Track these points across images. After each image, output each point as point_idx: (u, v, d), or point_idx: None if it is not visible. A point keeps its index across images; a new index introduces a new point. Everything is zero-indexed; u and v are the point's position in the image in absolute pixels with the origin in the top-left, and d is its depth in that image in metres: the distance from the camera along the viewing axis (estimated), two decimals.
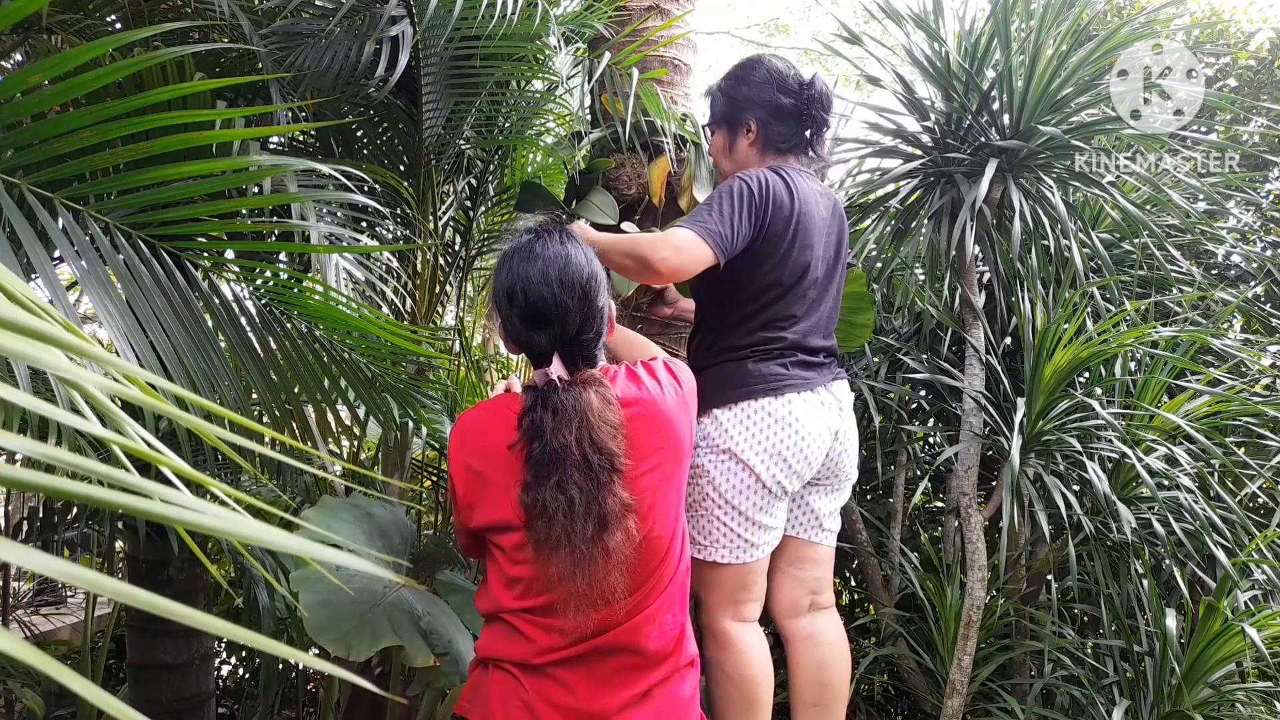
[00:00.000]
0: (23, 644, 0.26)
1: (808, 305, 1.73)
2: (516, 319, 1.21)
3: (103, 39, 1.13)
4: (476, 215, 2.76)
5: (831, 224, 1.78)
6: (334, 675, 0.33)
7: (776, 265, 1.68)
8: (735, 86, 1.82)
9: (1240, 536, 2.17)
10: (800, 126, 1.78)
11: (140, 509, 0.32)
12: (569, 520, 1.12)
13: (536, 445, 1.15)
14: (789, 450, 1.64)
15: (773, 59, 1.81)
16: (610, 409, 1.18)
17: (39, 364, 0.36)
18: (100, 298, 1.31)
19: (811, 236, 1.70)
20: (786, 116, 1.76)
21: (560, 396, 1.16)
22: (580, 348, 1.23)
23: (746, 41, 10.30)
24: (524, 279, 1.20)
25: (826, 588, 1.84)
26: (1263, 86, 3.33)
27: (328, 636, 1.43)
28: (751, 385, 1.65)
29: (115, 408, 0.60)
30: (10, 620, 3.28)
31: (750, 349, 1.69)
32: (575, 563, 1.12)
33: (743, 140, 1.82)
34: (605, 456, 1.14)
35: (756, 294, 1.70)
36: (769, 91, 1.76)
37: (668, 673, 1.25)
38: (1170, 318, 2.64)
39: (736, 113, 1.81)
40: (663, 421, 1.25)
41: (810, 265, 1.71)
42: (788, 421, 1.64)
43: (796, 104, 1.75)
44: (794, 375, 1.68)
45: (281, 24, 2.00)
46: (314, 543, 0.34)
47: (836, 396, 1.75)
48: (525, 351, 1.24)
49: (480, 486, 1.23)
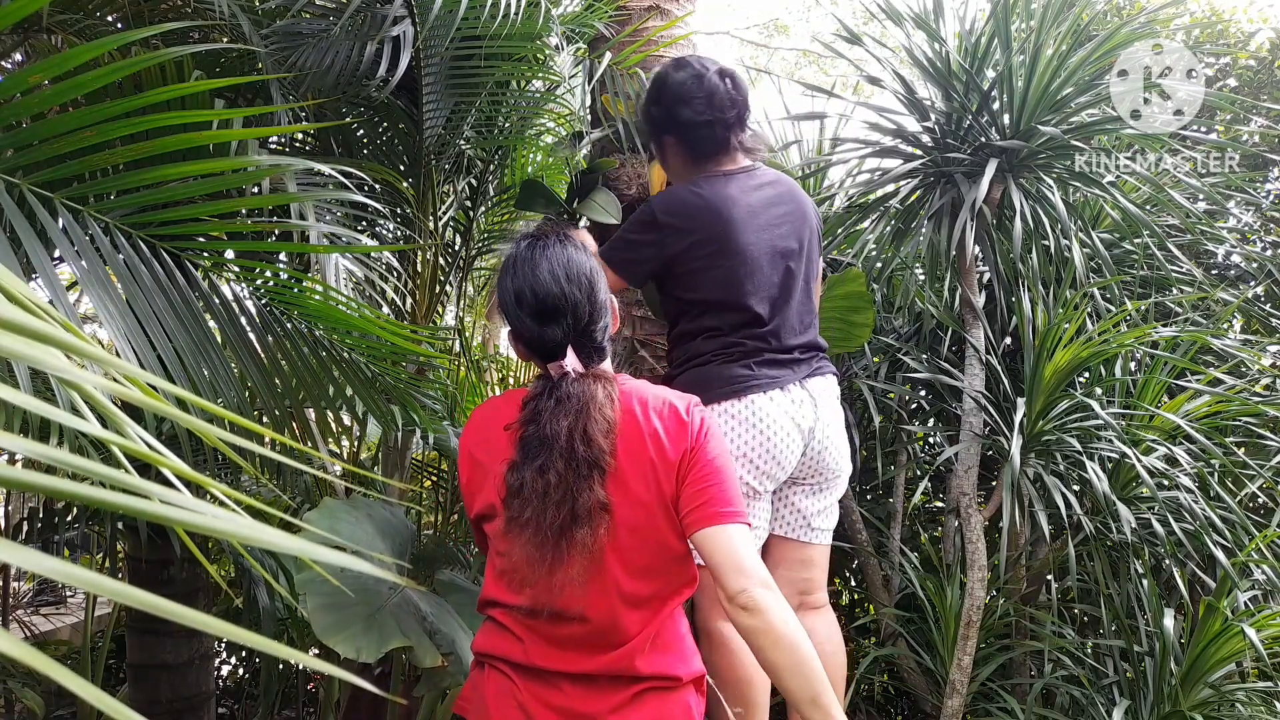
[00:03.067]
0: (21, 645, 0.26)
1: (768, 303, 1.71)
2: (528, 318, 1.22)
3: (102, 39, 1.13)
4: (476, 215, 2.76)
5: (784, 216, 1.76)
6: (334, 675, 0.33)
7: (712, 274, 1.68)
8: (647, 110, 1.86)
9: (1240, 536, 2.17)
10: (715, 130, 1.77)
11: (140, 510, 0.32)
12: (541, 505, 1.12)
13: (531, 428, 1.17)
14: (754, 451, 1.64)
15: (675, 71, 1.80)
16: (611, 405, 1.18)
17: (39, 364, 0.36)
18: (100, 297, 1.31)
19: (744, 239, 1.69)
20: (699, 126, 1.76)
21: (569, 387, 1.18)
22: (591, 339, 1.24)
23: (746, 42, 10.30)
24: (531, 280, 1.21)
25: (818, 588, 1.82)
26: (1263, 86, 3.33)
27: (336, 639, 1.43)
28: (714, 389, 1.65)
29: (115, 409, 0.60)
30: (10, 620, 3.28)
31: (713, 354, 1.69)
32: (539, 547, 1.12)
33: (671, 159, 1.85)
34: (592, 450, 1.14)
35: (706, 304, 1.70)
36: (675, 108, 1.76)
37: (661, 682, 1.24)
38: (1170, 318, 2.64)
39: (655, 134, 1.86)
40: (653, 431, 1.21)
41: (752, 265, 1.69)
42: (751, 422, 1.64)
43: (705, 111, 1.75)
44: (759, 375, 1.67)
45: (282, 24, 2.00)
46: (316, 544, 0.34)
47: (811, 393, 1.72)
48: (539, 351, 1.24)
49: (480, 475, 1.24)
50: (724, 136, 1.78)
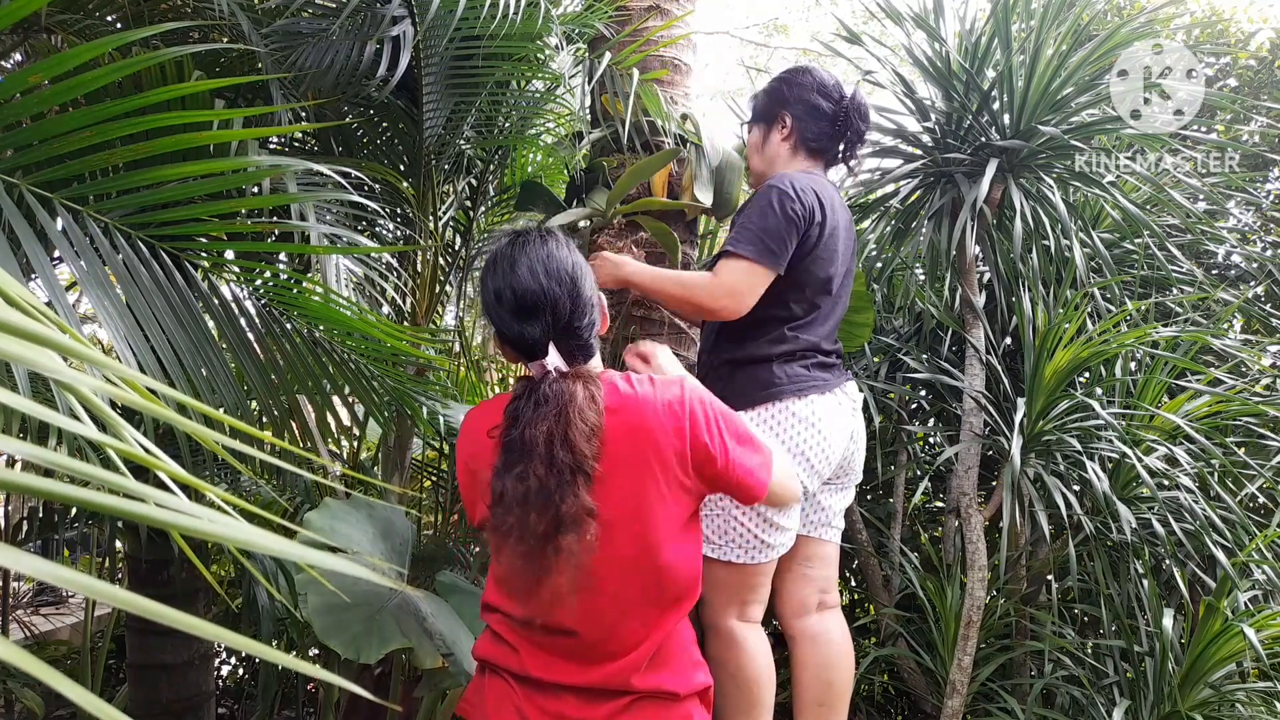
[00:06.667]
0: (17, 650, 0.26)
1: (825, 312, 1.77)
2: (507, 316, 1.19)
3: (102, 39, 1.13)
4: (477, 215, 2.76)
5: (850, 234, 1.83)
6: (330, 681, 0.33)
7: (804, 274, 1.71)
8: (778, 86, 1.87)
9: (1240, 536, 2.17)
10: (835, 132, 1.81)
11: (137, 514, 0.32)
12: (523, 512, 1.08)
13: (511, 433, 1.13)
14: (812, 450, 1.66)
15: (822, 70, 1.86)
16: (592, 407, 1.13)
17: (35, 366, 0.36)
18: (99, 298, 1.30)
19: (836, 247, 1.74)
20: (822, 119, 1.80)
21: (547, 388, 1.13)
22: (574, 336, 1.21)
23: (746, 41, 10.29)
24: (509, 277, 1.19)
25: (834, 587, 1.87)
26: (1263, 86, 3.33)
27: (337, 640, 1.43)
28: (778, 387, 1.68)
29: (112, 411, 0.60)
30: (10, 620, 3.28)
31: (774, 353, 1.71)
32: (525, 557, 1.09)
33: (776, 135, 1.86)
34: (574, 455, 1.09)
35: (783, 301, 1.72)
36: (809, 93, 1.81)
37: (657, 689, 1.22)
38: (1171, 318, 2.64)
39: (774, 109, 1.86)
40: (644, 431, 1.17)
41: (833, 276, 1.75)
42: (811, 422, 1.66)
43: (835, 110, 1.80)
44: (815, 377, 1.71)
45: (282, 23, 2.00)
46: (308, 548, 0.34)
47: (850, 397, 1.79)
48: (520, 349, 1.21)
49: (475, 482, 1.22)
50: (839, 143, 1.83)
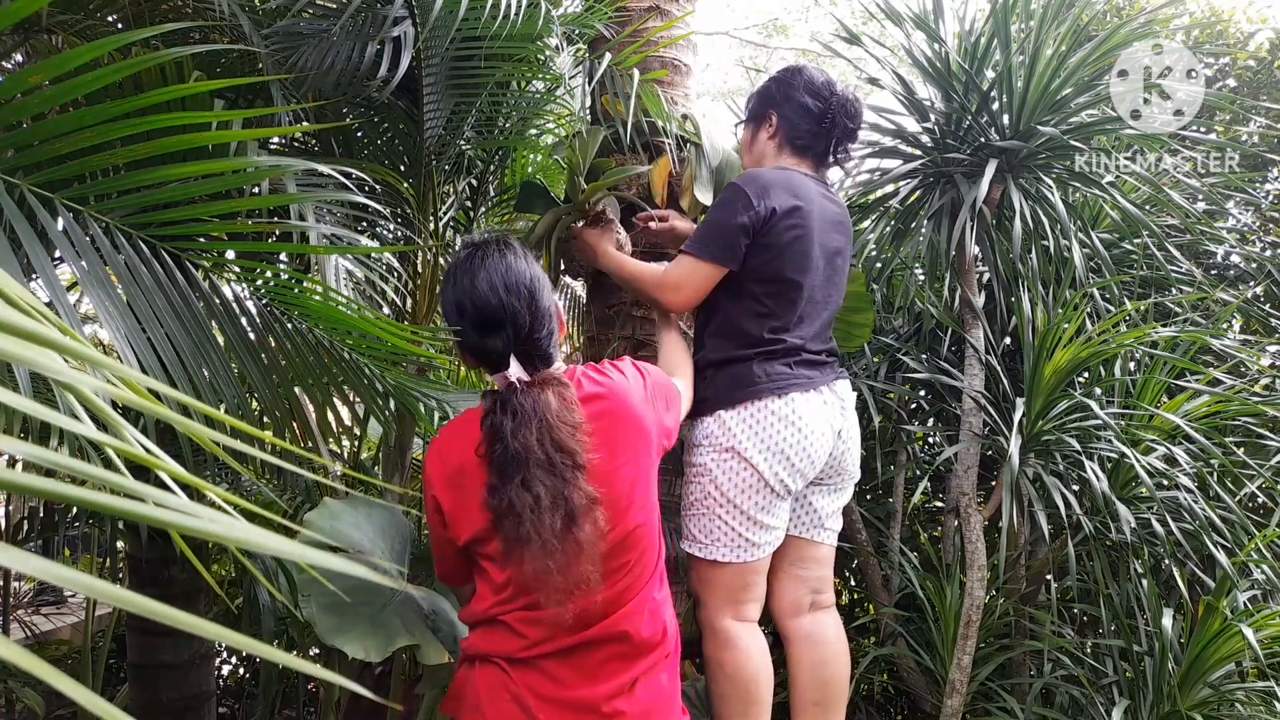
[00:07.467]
0: (18, 649, 0.26)
1: (806, 311, 1.74)
2: (469, 329, 1.25)
3: (103, 40, 1.13)
4: (477, 216, 2.76)
5: (837, 231, 1.80)
6: (331, 680, 0.33)
7: (774, 272, 1.69)
8: (769, 86, 1.88)
9: (1239, 536, 2.17)
10: (822, 130, 1.80)
11: (138, 514, 0.32)
12: (536, 516, 1.13)
13: (498, 447, 1.17)
14: (792, 449, 1.65)
15: (815, 70, 1.86)
16: (569, 409, 1.20)
17: (35, 366, 0.37)
18: (100, 298, 1.31)
19: (811, 242, 1.71)
20: (809, 116, 1.80)
21: (519, 399, 1.19)
22: (534, 347, 1.26)
23: (745, 42, 10.29)
24: (469, 291, 1.24)
25: (828, 587, 1.85)
26: (1262, 86, 3.33)
27: (341, 639, 1.43)
28: (757, 385, 1.67)
29: (112, 412, 0.60)
30: (11, 620, 3.28)
31: (755, 351, 1.70)
32: (547, 556, 1.14)
33: (763, 133, 1.86)
34: (567, 454, 1.17)
35: (759, 301, 1.71)
36: (798, 92, 1.81)
37: (653, 663, 1.27)
38: (1170, 318, 2.64)
39: (764, 108, 1.87)
40: (631, 414, 1.28)
41: (807, 272, 1.72)
42: (791, 420, 1.65)
43: (822, 107, 1.79)
44: (798, 375, 1.69)
45: (282, 24, 2.00)
46: (309, 547, 0.34)
47: (839, 395, 1.77)
48: (482, 360, 1.27)
49: (463, 500, 1.24)
50: (827, 141, 1.82)
